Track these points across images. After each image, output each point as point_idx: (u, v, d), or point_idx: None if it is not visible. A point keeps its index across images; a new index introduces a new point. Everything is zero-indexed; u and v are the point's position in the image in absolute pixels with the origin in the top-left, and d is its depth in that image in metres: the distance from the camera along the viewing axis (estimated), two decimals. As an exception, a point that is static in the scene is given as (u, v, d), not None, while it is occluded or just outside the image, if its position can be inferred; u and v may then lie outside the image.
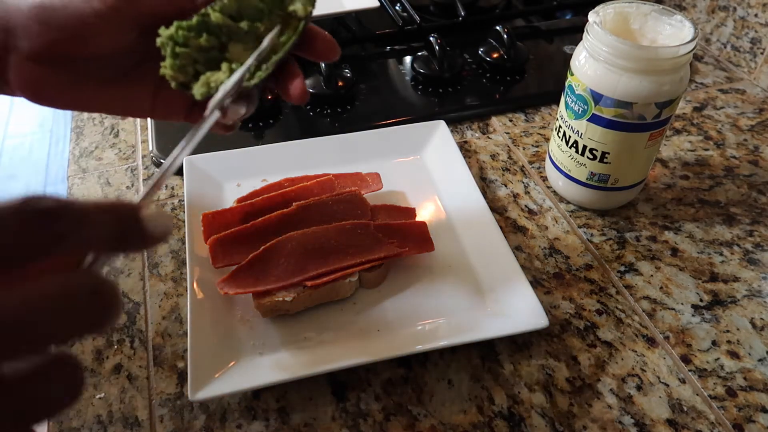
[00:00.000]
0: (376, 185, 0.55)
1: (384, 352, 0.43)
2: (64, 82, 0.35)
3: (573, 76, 0.51)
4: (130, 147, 0.65)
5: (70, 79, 0.35)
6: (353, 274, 0.47)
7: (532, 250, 0.54)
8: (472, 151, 0.64)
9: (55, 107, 0.37)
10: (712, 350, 0.46)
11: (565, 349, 0.46)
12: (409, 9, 0.79)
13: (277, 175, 0.56)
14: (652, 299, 0.50)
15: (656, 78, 0.47)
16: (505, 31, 0.73)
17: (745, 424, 0.42)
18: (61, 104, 0.37)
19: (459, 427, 0.42)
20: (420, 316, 0.47)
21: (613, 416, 0.42)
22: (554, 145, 0.56)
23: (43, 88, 0.35)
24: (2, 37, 0.33)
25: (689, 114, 0.69)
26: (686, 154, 0.64)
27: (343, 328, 0.46)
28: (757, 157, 0.64)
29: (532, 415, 0.42)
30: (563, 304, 0.50)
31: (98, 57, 0.35)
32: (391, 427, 0.42)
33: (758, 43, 0.73)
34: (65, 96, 0.36)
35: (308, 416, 0.42)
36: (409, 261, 0.51)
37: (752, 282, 0.51)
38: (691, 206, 0.58)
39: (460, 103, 0.69)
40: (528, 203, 0.58)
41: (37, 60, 0.34)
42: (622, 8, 0.51)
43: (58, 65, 0.34)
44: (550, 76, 0.73)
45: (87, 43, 0.34)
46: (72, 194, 0.59)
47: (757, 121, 0.68)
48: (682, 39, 0.48)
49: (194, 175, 0.56)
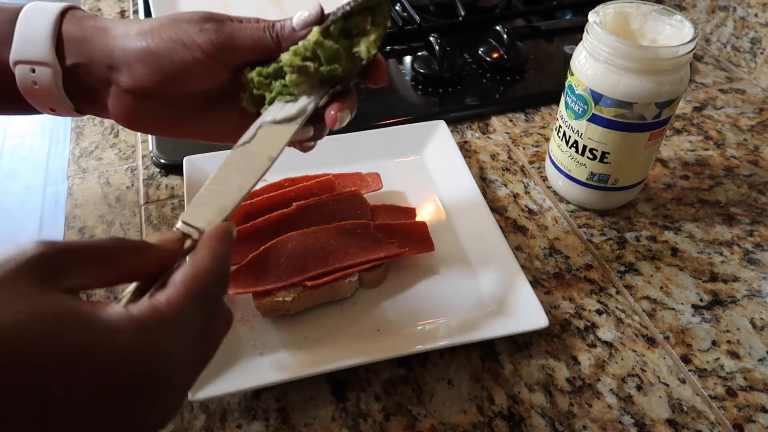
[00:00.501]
0: (376, 185, 0.55)
1: (384, 352, 0.43)
2: (156, 113, 0.39)
3: (573, 76, 0.51)
4: (130, 147, 0.65)
5: (162, 110, 0.39)
6: (353, 274, 0.47)
7: (532, 250, 0.54)
8: (472, 151, 0.64)
9: (146, 133, 0.41)
10: (712, 350, 0.46)
11: (565, 349, 0.46)
12: (409, 9, 0.79)
13: (277, 175, 0.56)
14: (652, 299, 0.50)
15: (656, 78, 0.47)
16: (505, 31, 0.73)
17: (745, 424, 0.42)
18: (152, 131, 0.42)
19: (459, 427, 0.42)
20: (420, 316, 0.47)
21: (613, 416, 0.42)
22: (554, 145, 0.56)
23: (137, 118, 0.39)
24: (106, 72, 0.37)
25: (689, 114, 0.69)
26: (686, 154, 0.64)
27: (343, 328, 0.46)
28: (757, 157, 0.64)
29: (532, 415, 0.42)
30: (563, 304, 0.50)
31: (191, 94, 0.39)
32: (391, 427, 0.42)
33: (758, 43, 0.73)
34: (157, 124, 0.40)
35: (308, 416, 0.42)
36: (409, 261, 0.51)
37: (752, 282, 0.51)
38: (691, 206, 0.58)
39: (460, 103, 0.69)
40: (528, 203, 0.58)
41: (134, 94, 0.38)
42: (622, 8, 0.51)
43: (154, 99, 0.38)
44: (550, 76, 0.73)
45: (184, 85, 0.38)
46: (72, 194, 0.59)
47: (757, 121, 0.68)
48: (682, 39, 0.48)
49: (194, 175, 0.56)
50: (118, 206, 0.58)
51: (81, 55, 0.37)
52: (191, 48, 0.36)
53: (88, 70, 0.38)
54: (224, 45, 0.37)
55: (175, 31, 0.37)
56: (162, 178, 0.61)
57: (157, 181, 0.60)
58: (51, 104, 0.39)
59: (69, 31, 0.37)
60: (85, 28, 0.38)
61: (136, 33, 0.37)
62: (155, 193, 0.59)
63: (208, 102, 0.40)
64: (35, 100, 0.39)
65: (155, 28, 0.37)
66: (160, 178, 0.61)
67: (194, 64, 0.37)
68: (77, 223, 0.56)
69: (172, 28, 0.37)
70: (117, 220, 0.56)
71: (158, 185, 0.60)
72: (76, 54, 0.37)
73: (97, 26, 0.38)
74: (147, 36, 0.37)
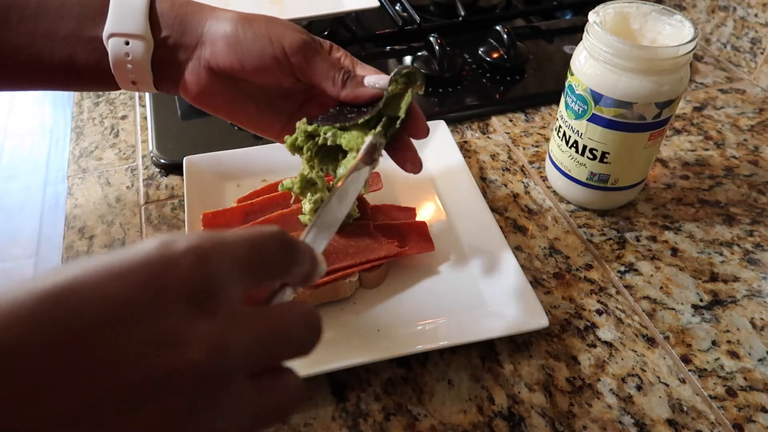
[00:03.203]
0: (376, 185, 0.55)
1: (384, 352, 0.43)
2: (223, 94, 0.43)
3: (573, 76, 0.51)
4: (130, 147, 0.65)
5: (228, 93, 0.43)
6: (353, 274, 0.47)
7: (532, 250, 0.54)
8: (472, 151, 0.64)
9: (207, 110, 0.45)
10: (712, 350, 0.46)
11: (565, 349, 0.46)
12: (409, 9, 0.79)
13: (277, 175, 0.56)
14: (652, 299, 0.50)
15: (656, 78, 0.47)
16: (505, 31, 0.73)
17: (745, 424, 0.42)
18: (213, 109, 0.45)
19: (459, 427, 0.42)
20: (420, 316, 0.47)
21: (613, 416, 0.42)
22: (554, 145, 0.56)
23: (205, 94, 0.43)
24: (194, 44, 0.41)
25: (689, 114, 0.69)
26: (686, 154, 0.64)
27: (343, 328, 0.46)
28: (757, 157, 0.64)
29: (532, 415, 0.42)
30: (563, 304, 0.50)
31: (256, 85, 0.43)
32: (391, 427, 0.42)
33: (758, 43, 0.73)
34: (220, 105, 0.44)
35: (308, 416, 0.42)
36: (409, 261, 0.51)
37: (752, 282, 0.51)
38: (691, 206, 0.58)
39: (460, 103, 0.69)
40: (528, 203, 0.58)
41: (210, 70, 0.41)
42: (622, 8, 0.51)
43: (225, 81, 0.42)
44: (550, 76, 0.73)
45: (254, 75, 0.41)
46: (72, 194, 0.59)
47: (757, 121, 0.68)
48: (682, 39, 0.48)
49: (194, 175, 0.56)
50: (118, 206, 0.58)
51: (173, 29, 0.41)
52: (275, 45, 0.40)
53: (176, 44, 0.41)
54: (304, 57, 0.41)
55: (269, 27, 0.40)
56: (162, 178, 0.61)
57: (157, 181, 0.60)
58: (136, 77, 0.42)
59: (162, 7, 0.41)
60: (178, 5, 0.41)
61: (230, 17, 0.40)
62: (155, 193, 0.59)
63: (267, 99, 0.44)
64: (122, 73, 0.41)
65: (250, 20, 0.41)
66: (160, 178, 0.61)
67: (271, 59, 0.40)
68: (77, 223, 0.56)
69: (266, 24, 0.41)
70: (117, 220, 0.56)
71: (158, 185, 0.60)
72: (168, 28, 0.41)
73: (191, 6, 0.41)
74: (239, 23, 0.40)
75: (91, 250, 0.54)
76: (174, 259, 0.22)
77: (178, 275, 0.22)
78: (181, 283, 0.22)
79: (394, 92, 0.43)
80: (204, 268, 0.22)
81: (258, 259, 0.25)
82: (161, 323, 0.21)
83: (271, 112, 0.46)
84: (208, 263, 0.22)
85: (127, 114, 0.69)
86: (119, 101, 0.71)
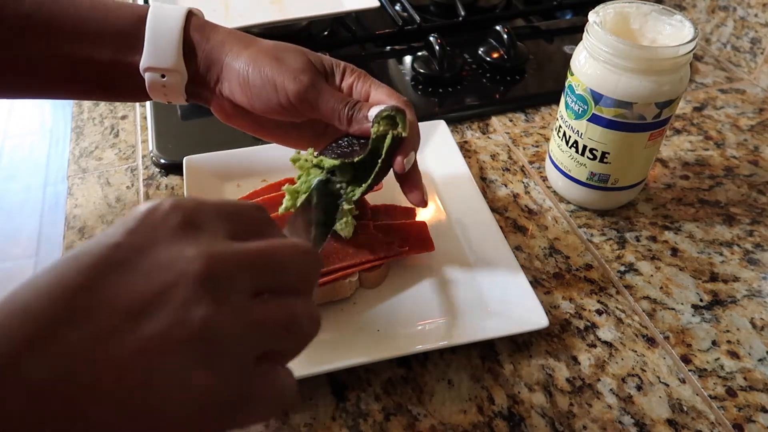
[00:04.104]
0: (376, 185, 0.55)
1: (384, 352, 0.43)
2: (248, 120, 0.47)
3: (573, 76, 0.51)
4: (130, 147, 0.65)
5: (252, 119, 0.46)
6: (353, 274, 0.47)
7: (532, 250, 0.54)
8: (472, 151, 0.64)
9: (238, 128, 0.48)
10: (712, 350, 0.46)
11: (565, 349, 0.46)
12: (409, 9, 0.79)
13: (277, 175, 0.56)
14: (652, 299, 0.50)
15: (656, 78, 0.47)
16: (505, 31, 0.73)
17: (745, 424, 0.42)
18: (242, 128, 0.48)
19: (459, 427, 0.42)
20: (420, 316, 0.47)
21: (613, 416, 0.42)
22: (554, 145, 0.56)
23: (233, 119, 0.47)
24: (216, 79, 0.44)
25: (689, 114, 0.69)
26: (686, 154, 0.64)
27: (343, 328, 0.46)
28: (757, 157, 0.64)
29: (532, 415, 0.42)
30: (563, 304, 0.50)
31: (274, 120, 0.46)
32: (391, 427, 0.42)
33: (758, 43, 0.73)
34: (249, 127, 0.48)
35: (308, 416, 0.42)
36: (409, 261, 0.51)
37: (752, 282, 0.51)
38: (691, 206, 0.58)
39: (460, 103, 0.69)
40: (528, 203, 0.58)
41: (232, 103, 0.45)
42: (622, 8, 0.51)
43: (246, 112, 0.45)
44: (550, 76, 0.73)
45: (267, 114, 0.44)
46: (72, 194, 0.59)
47: (757, 121, 0.68)
48: (682, 39, 0.48)
49: (194, 175, 0.56)
50: (118, 206, 0.58)
51: (202, 62, 0.44)
52: (280, 92, 0.42)
53: (204, 76, 0.44)
54: (308, 101, 0.43)
55: (275, 71, 0.42)
56: (162, 178, 0.61)
57: (157, 181, 0.60)
58: (170, 99, 0.45)
59: (195, 38, 0.43)
60: (208, 38, 0.44)
61: (244, 56, 0.43)
62: (155, 193, 0.59)
63: (292, 123, 0.46)
64: (157, 96, 0.45)
65: (259, 61, 0.42)
66: (160, 178, 0.61)
67: (278, 106, 0.43)
68: (77, 223, 0.56)
69: (273, 68, 0.42)
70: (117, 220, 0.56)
71: (158, 185, 0.60)
72: (199, 61, 0.44)
73: (217, 39, 0.44)
74: (250, 64, 0.42)
75: (91, 250, 0.54)
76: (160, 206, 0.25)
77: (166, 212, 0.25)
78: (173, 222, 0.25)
79: (377, 133, 0.43)
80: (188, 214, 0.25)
81: (236, 213, 0.27)
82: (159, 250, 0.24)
83: (298, 132, 0.48)
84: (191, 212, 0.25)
85: (127, 114, 0.69)
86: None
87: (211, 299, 0.23)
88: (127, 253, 0.23)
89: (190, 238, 0.24)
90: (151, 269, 0.23)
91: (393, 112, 0.42)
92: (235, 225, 0.27)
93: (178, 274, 0.23)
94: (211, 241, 0.25)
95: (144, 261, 0.23)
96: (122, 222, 0.25)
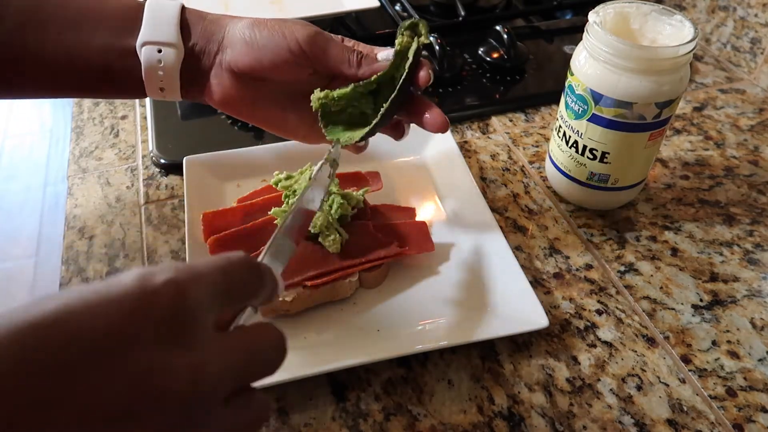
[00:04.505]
0: (376, 185, 0.55)
1: (384, 352, 0.43)
2: (246, 97, 0.45)
3: (573, 76, 0.51)
4: (130, 147, 0.65)
5: (252, 95, 0.45)
6: (353, 274, 0.47)
7: (532, 250, 0.54)
8: (472, 151, 0.64)
9: (232, 114, 0.47)
10: (712, 350, 0.46)
11: (565, 349, 0.46)
12: (409, 9, 0.79)
13: (277, 175, 0.56)
14: (652, 299, 0.50)
15: (656, 78, 0.47)
16: (505, 31, 0.73)
17: (745, 424, 0.42)
18: (238, 113, 0.47)
19: (459, 427, 0.42)
20: (420, 316, 0.47)
21: (613, 416, 0.42)
22: (554, 145, 0.56)
23: (229, 98, 0.45)
24: (216, 50, 0.44)
25: (689, 114, 0.69)
26: (686, 154, 0.64)
27: (343, 328, 0.46)
28: (757, 157, 0.64)
29: (532, 415, 0.42)
30: (563, 304, 0.50)
31: (278, 82, 0.45)
32: (391, 427, 0.42)
33: (758, 43, 0.73)
34: (244, 108, 0.46)
35: (308, 416, 0.42)
36: (409, 261, 0.51)
37: (752, 282, 0.51)
38: (691, 206, 0.58)
39: (460, 103, 0.69)
40: (528, 203, 0.58)
41: (232, 73, 0.44)
42: (622, 8, 0.51)
43: (247, 83, 0.44)
44: (550, 76, 0.73)
45: (273, 70, 0.43)
46: (72, 194, 0.59)
47: (757, 121, 0.68)
48: (682, 39, 0.48)
49: (194, 175, 0.56)
50: (118, 206, 0.58)
51: (199, 37, 0.44)
52: (289, 39, 0.42)
53: (201, 51, 0.44)
54: (318, 45, 0.43)
55: (282, 25, 0.43)
56: (162, 178, 0.61)
57: (157, 181, 0.60)
58: (165, 84, 0.44)
59: (190, 18, 0.44)
60: (204, 17, 0.44)
61: (247, 22, 0.44)
62: (155, 193, 0.59)
63: (290, 100, 0.46)
64: (152, 81, 0.44)
65: (264, 21, 0.44)
66: (160, 178, 0.61)
67: (287, 53, 0.42)
68: (77, 223, 0.56)
69: (279, 23, 0.43)
70: (117, 220, 0.56)
71: (158, 185, 0.60)
72: (195, 36, 0.44)
73: (214, 16, 0.45)
74: (255, 26, 0.43)
75: (91, 250, 0.54)
76: (153, 293, 0.24)
77: (158, 308, 0.23)
78: (162, 316, 0.23)
79: (401, 45, 0.44)
80: (182, 300, 0.24)
81: (229, 285, 0.27)
82: (146, 354, 0.23)
83: (295, 114, 0.47)
84: (185, 295, 0.24)
85: (127, 114, 0.69)
86: (119, 101, 0.71)
87: (194, 416, 0.24)
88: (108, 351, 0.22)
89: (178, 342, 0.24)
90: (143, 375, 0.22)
91: (416, 20, 0.45)
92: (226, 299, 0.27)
93: (160, 391, 0.23)
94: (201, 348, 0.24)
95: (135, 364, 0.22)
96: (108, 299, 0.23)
